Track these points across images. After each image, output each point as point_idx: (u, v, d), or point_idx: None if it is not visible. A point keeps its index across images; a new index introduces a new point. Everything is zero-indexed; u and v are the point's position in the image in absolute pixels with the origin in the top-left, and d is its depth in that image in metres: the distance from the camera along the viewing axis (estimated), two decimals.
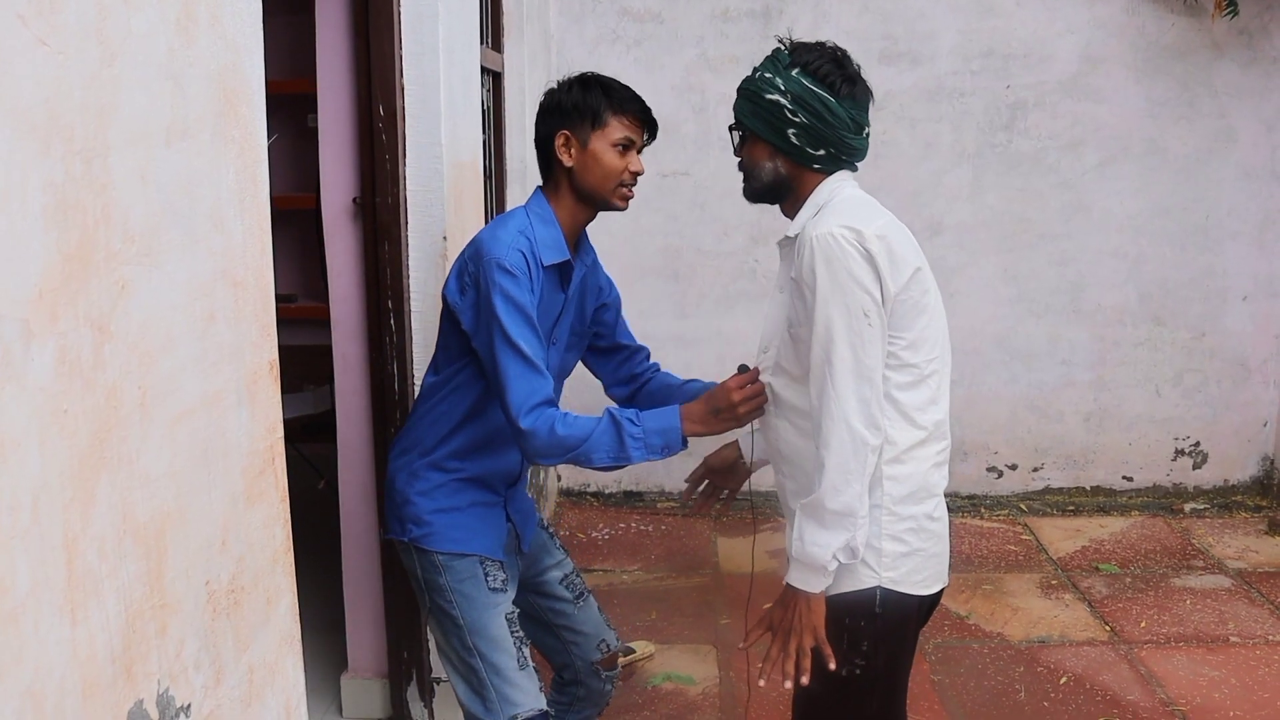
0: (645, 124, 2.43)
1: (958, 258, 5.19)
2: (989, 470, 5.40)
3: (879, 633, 2.14)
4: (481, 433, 2.42)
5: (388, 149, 2.85)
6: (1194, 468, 5.39)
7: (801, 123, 2.11)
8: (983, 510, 5.33)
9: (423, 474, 2.43)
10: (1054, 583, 4.49)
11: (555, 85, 2.43)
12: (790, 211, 2.24)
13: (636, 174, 2.39)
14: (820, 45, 2.17)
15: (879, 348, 2.03)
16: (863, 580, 2.12)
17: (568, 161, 2.35)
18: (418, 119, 2.89)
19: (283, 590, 1.79)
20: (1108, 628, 4.08)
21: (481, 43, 3.58)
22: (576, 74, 2.44)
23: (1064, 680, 3.70)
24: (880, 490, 2.10)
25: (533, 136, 2.47)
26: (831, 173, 2.19)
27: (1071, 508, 5.34)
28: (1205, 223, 5.16)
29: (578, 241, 2.47)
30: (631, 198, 2.42)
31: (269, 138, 1.75)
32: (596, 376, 2.72)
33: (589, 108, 2.36)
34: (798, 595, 2.13)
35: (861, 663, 2.15)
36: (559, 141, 2.36)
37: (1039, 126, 5.12)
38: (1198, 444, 5.37)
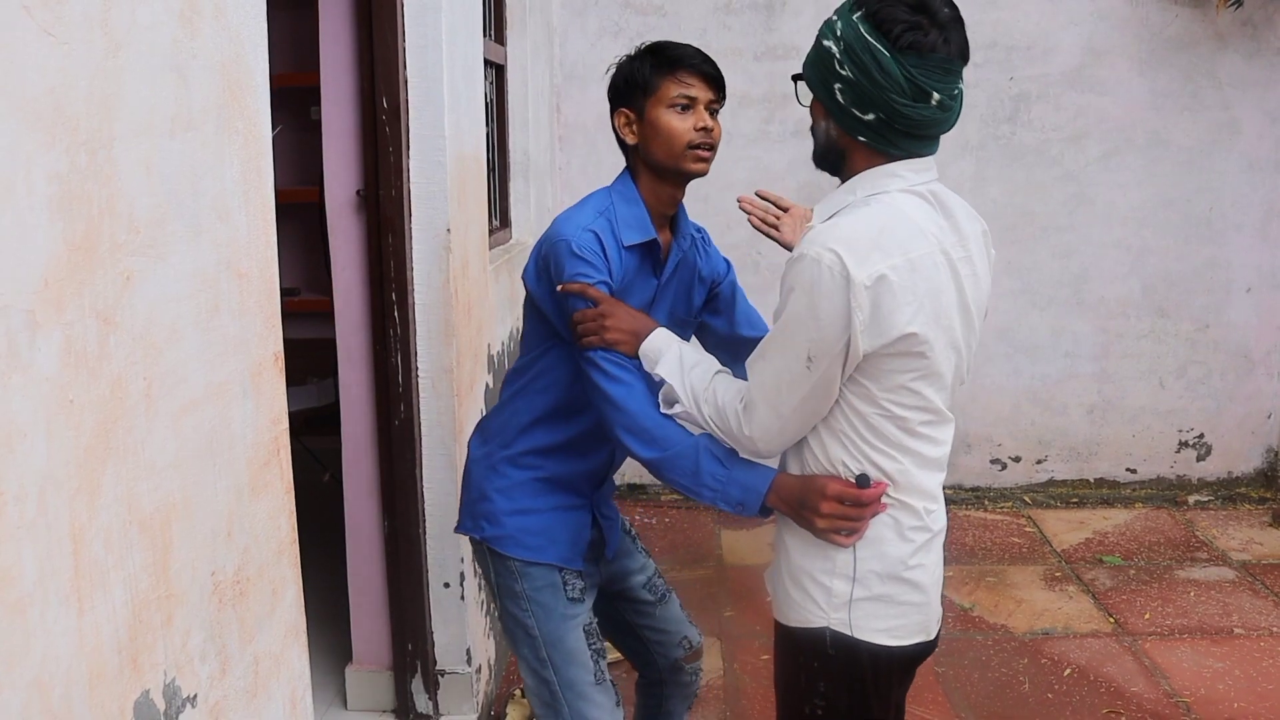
0: (706, 78, 2.19)
1: None
2: (992, 462, 5.40)
3: (836, 675, 1.94)
4: (564, 428, 2.25)
5: (391, 142, 2.84)
6: (1198, 460, 5.39)
7: (847, 76, 1.77)
8: (986, 502, 5.33)
9: (502, 469, 2.28)
10: (1058, 575, 4.49)
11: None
12: (836, 180, 1.95)
13: (705, 129, 2.17)
14: None
15: (806, 394, 1.81)
16: (810, 617, 1.93)
17: (632, 139, 2.19)
18: (421, 112, 2.89)
19: (288, 581, 1.80)
20: (1112, 620, 4.08)
21: (484, 35, 3.58)
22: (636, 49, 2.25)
23: (1068, 672, 3.70)
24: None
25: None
26: (892, 155, 1.83)
27: (1075, 500, 5.34)
28: (1209, 215, 5.16)
29: (673, 222, 2.29)
30: (709, 159, 2.19)
31: (273, 130, 1.75)
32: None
33: (638, 78, 2.18)
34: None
35: (821, 703, 1.97)
36: (620, 122, 2.22)
37: (1042, 118, 5.11)
38: (1201, 436, 5.36)
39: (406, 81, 2.85)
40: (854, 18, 1.78)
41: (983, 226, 1.97)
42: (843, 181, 1.91)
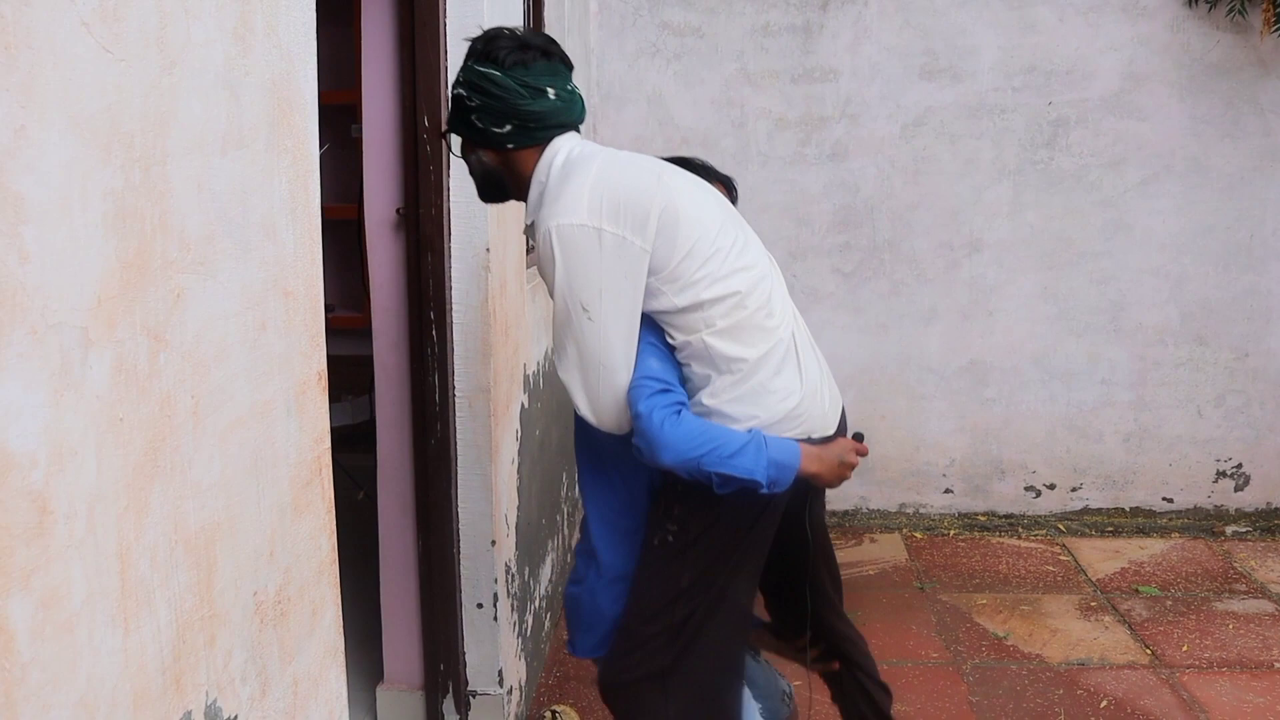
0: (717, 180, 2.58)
1: (997, 275, 5.15)
2: (1027, 489, 5.35)
3: (690, 501, 2.16)
4: None
5: (431, 160, 2.84)
6: (1235, 490, 5.32)
7: (476, 105, 2.13)
8: (1020, 530, 5.28)
9: None
10: (1093, 604, 4.44)
11: None
12: (521, 197, 2.25)
13: None
14: (500, 30, 2.19)
15: (600, 337, 2.07)
16: None
17: None
18: None
19: (327, 602, 1.79)
20: (1149, 651, 4.03)
21: None
22: None
23: (1104, 704, 3.65)
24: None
25: None
26: (543, 141, 2.18)
27: (1110, 528, 5.28)
28: (1249, 242, 5.10)
29: None
30: None
31: (320, 148, 1.75)
32: None
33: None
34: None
35: (674, 528, 2.17)
36: None
37: (1081, 144, 5.07)
38: (1240, 466, 5.30)
39: (448, 100, 2.85)
40: (469, 64, 2.16)
41: None
42: (515, 197, 2.26)
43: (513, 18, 3.23)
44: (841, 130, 5.09)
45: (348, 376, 4.04)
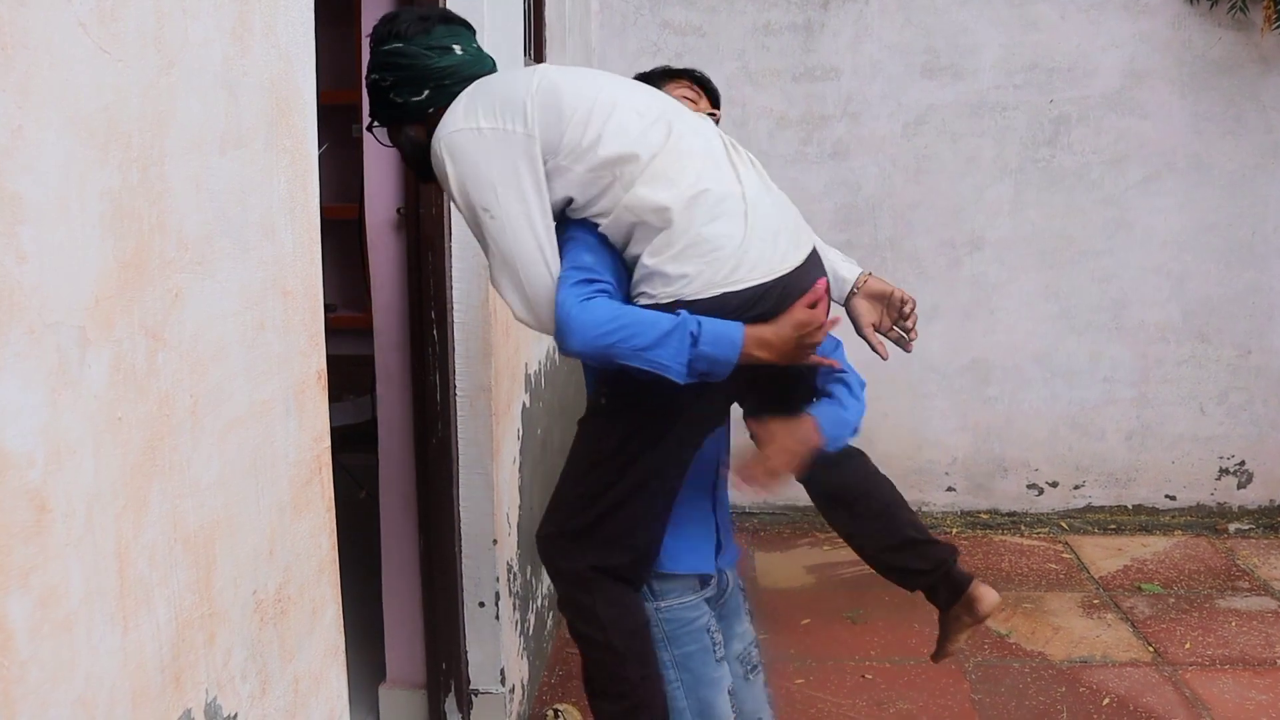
0: (707, 92, 2.45)
1: (999, 274, 5.15)
2: (1029, 487, 5.35)
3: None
4: None
5: None
6: (1239, 487, 5.31)
7: (390, 82, 2.19)
8: (1023, 528, 5.28)
9: None
10: (1095, 602, 4.44)
11: None
12: None
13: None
14: (395, 12, 2.26)
15: (506, 232, 2.07)
16: None
17: None
18: None
19: (328, 600, 1.79)
20: (1151, 649, 4.03)
21: (524, 54, 3.58)
22: None
23: (1107, 701, 3.65)
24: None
25: None
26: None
27: (1113, 526, 5.28)
28: (1251, 239, 5.10)
29: None
30: None
31: (319, 147, 1.75)
32: None
33: (649, 82, 2.39)
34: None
35: (606, 390, 2.19)
36: None
37: (1082, 142, 5.07)
38: (1243, 463, 5.29)
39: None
40: (376, 49, 2.22)
41: None
42: None
43: (513, 17, 3.23)
44: (843, 129, 5.09)
45: (349, 376, 4.04)
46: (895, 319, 2.48)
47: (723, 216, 2.03)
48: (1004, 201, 5.10)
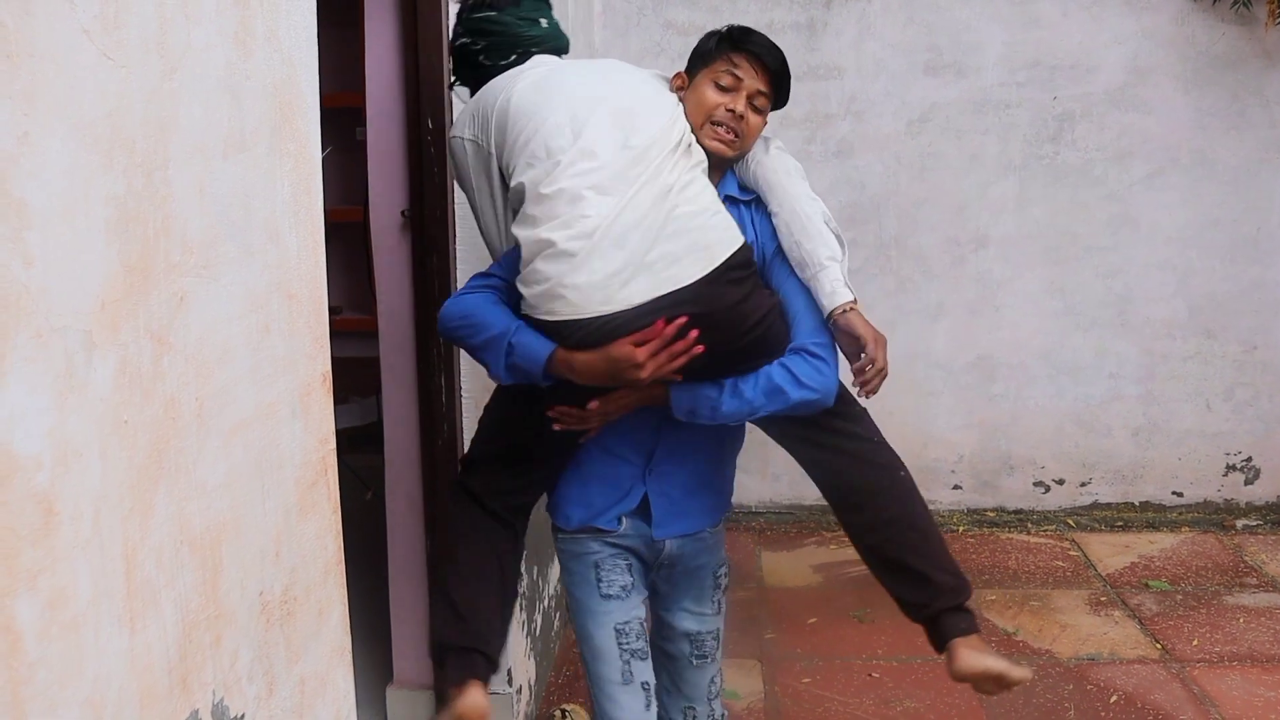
0: (763, 67, 2.25)
1: (1003, 270, 5.15)
2: (1035, 485, 5.34)
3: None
4: None
5: (436, 162, 2.86)
6: (1246, 483, 5.30)
7: (482, 46, 2.33)
8: (1029, 525, 5.27)
9: None
10: (1103, 599, 4.43)
11: None
12: None
13: (732, 111, 2.21)
14: None
15: (484, 230, 2.31)
16: None
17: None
18: None
19: (334, 601, 1.80)
20: (1159, 646, 4.02)
21: None
22: None
23: (1114, 699, 3.65)
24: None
25: None
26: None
27: (1120, 523, 5.27)
28: (1256, 234, 5.09)
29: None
30: (728, 142, 2.22)
31: (323, 151, 1.76)
32: None
33: (704, 47, 2.33)
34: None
35: (492, 405, 2.40)
36: (675, 84, 2.34)
37: (1086, 138, 5.06)
38: (1250, 459, 5.29)
39: (452, 102, 2.86)
40: (466, 16, 2.37)
41: None
42: None
43: None
44: (847, 127, 5.09)
45: (356, 378, 4.05)
46: (854, 374, 2.38)
47: (552, 259, 2.01)
48: (1008, 199, 5.09)
